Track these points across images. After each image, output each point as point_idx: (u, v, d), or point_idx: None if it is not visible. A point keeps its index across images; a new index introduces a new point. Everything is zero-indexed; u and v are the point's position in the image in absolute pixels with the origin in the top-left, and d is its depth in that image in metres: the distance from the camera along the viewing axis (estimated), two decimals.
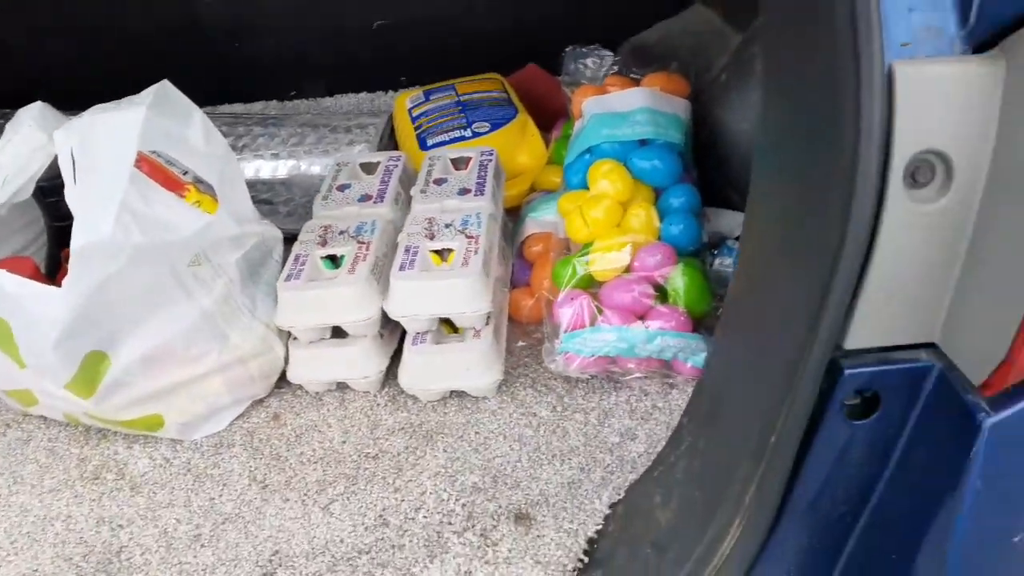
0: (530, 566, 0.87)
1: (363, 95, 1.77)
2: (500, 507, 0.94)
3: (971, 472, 0.61)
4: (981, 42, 0.57)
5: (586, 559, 0.89)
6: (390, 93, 1.78)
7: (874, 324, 0.62)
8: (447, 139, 1.41)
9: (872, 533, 0.71)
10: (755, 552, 0.72)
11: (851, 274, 0.60)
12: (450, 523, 0.93)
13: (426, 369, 1.04)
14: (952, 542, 0.65)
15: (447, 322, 1.09)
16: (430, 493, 0.96)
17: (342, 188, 1.21)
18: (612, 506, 0.93)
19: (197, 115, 1.03)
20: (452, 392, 1.08)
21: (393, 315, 1.04)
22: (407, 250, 1.06)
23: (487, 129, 1.42)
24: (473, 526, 0.92)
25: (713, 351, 0.84)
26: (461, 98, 1.51)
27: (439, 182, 1.19)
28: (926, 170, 0.58)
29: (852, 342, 0.62)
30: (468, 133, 1.42)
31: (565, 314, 1.04)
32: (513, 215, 1.34)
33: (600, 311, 1.05)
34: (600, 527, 0.91)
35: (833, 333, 0.62)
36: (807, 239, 0.64)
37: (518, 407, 1.07)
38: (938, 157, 0.58)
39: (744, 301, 0.78)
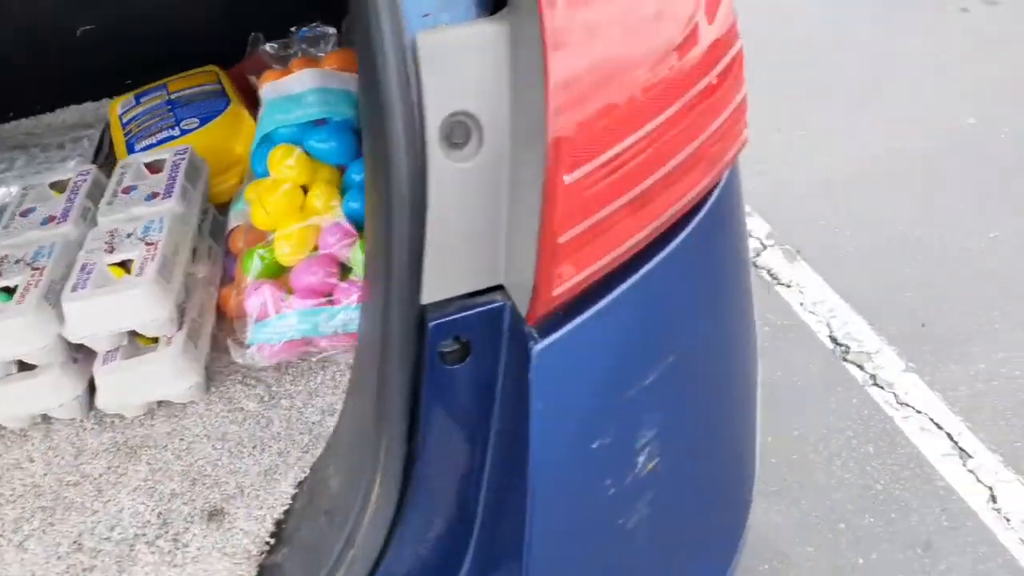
0: (217, 559, 0.91)
1: (88, 105, 1.71)
2: (195, 508, 0.97)
3: (532, 394, 0.68)
4: (495, 4, 0.61)
5: (272, 540, 0.93)
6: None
7: (444, 276, 0.67)
8: (155, 141, 1.39)
9: (498, 463, 0.76)
10: (396, 501, 0.76)
11: (405, 233, 0.64)
12: (144, 534, 0.95)
13: (119, 386, 1.05)
14: (531, 458, 0.71)
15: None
16: (127, 509, 0.98)
17: (25, 213, 1.19)
18: (300, 484, 0.97)
19: None
20: (160, 402, 1.09)
21: (72, 338, 1.04)
22: (83, 268, 1.06)
23: (196, 125, 1.41)
24: (167, 532, 0.95)
25: (360, 317, 0.87)
26: (172, 96, 1.50)
27: (128, 190, 1.19)
28: (460, 131, 0.62)
29: (428, 296, 0.67)
30: (176, 132, 1.40)
31: (252, 305, 1.07)
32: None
33: (291, 293, 1.07)
34: (288, 506, 0.95)
35: (407, 289, 0.66)
36: (377, 202, 0.68)
37: (226, 405, 1.09)
38: (469, 118, 0.62)
39: (367, 265, 0.82)
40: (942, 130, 2.71)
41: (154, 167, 1.24)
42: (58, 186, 1.25)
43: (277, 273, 1.10)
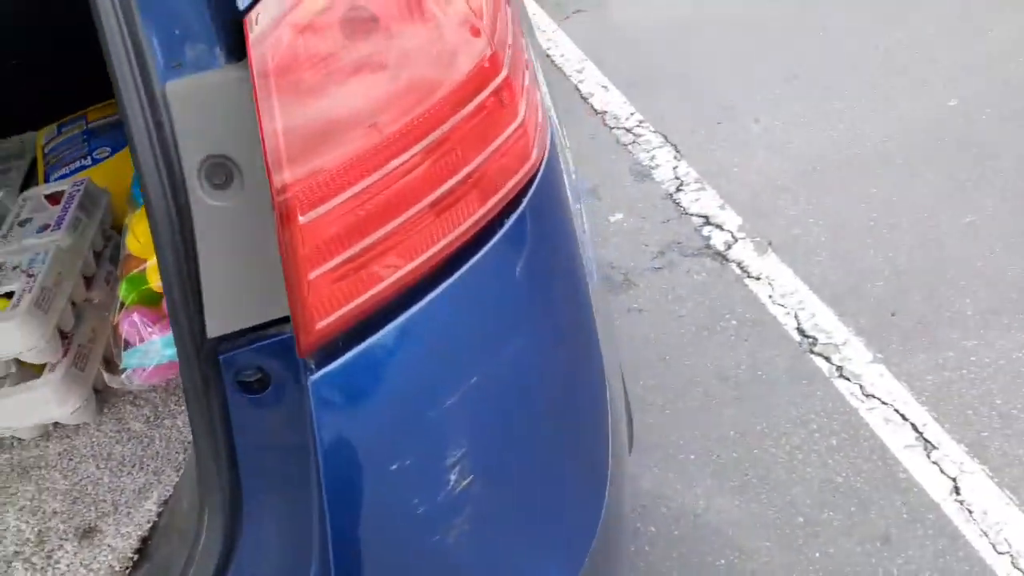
0: (83, 575, 0.95)
1: (29, 135, 1.77)
2: (71, 527, 1.02)
3: (315, 422, 0.71)
4: (240, 49, 0.63)
5: (136, 557, 0.96)
6: None
7: (227, 310, 0.71)
8: (68, 171, 1.45)
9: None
10: (225, 523, 0.80)
11: (174, 272, 0.68)
12: (22, 552, 1.01)
13: (6, 411, 1.10)
14: (323, 481, 0.74)
15: None
16: (11, 527, 1.04)
17: None
18: (164, 503, 1.01)
19: None
20: (57, 424, 1.14)
21: None
22: None
23: (108, 154, 1.46)
24: (42, 549, 1.00)
25: None
26: (90, 126, 1.55)
27: (24, 223, 1.24)
28: (220, 173, 0.66)
29: (214, 330, 0.71)
30: (88, 162, 1.46)
31: (124, 331, 1.10)
32: None
33: (165, 319, 1.11)
34: (153, 524, 0.99)
35: (190, 325, 0.70)
36: (154, 243, 0.71)
37: (115, 425, 1.14)
38: (228, 160, 0.65)
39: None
40: (923, 113, 2.66)
41: (54, 198, 1.29)
42: None
43: (154, 300, 1.14)
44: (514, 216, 0.77)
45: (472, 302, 0.76)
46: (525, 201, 0.78)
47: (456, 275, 0.73)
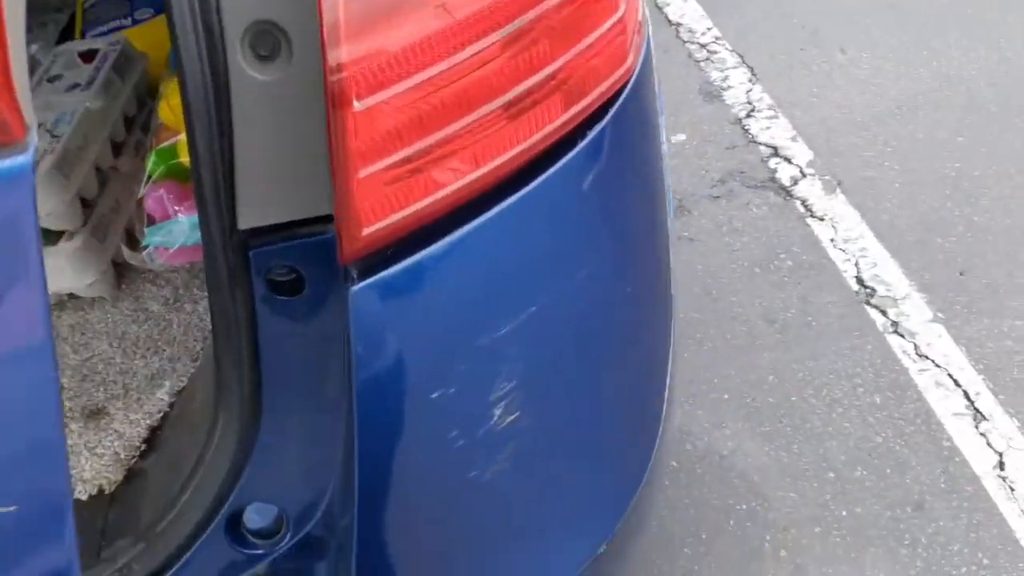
0: (86, 459, 0.94)
1: None
2: (76, 405, 1.00)
3: (352, 337, 0.65)
4: None
5: (144, 446, 0.94)
6: None
7: (261, 201, 0.64)
8: (106, 30, 1.39)
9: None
10: (240, 425, 0.75)
11: (207, 152, 0.61)
12: None
13: None
14: (355, 403, 0.68)
15: None
16: None
17: None
18: (178, 393, 0.98)
19: None
20: (71, 296, 1.11)
21: None
22: None
23: (150, 15, 1.40)
24: None
25: None
26: None
27: (53, 79, 1.19)
28: (267, 42, 0.59)
29: (246, 221, 0.64)
30: (128, 21, 1.40)
31: (150, 206, 1.06)
32: None
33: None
34: (164, 413, 0.96)
35: (218, 212, 0.63)
36: (185, 119, 0.64)
37: (132, 304, 1.11)
38: (276, 28, 0.58)
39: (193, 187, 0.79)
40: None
41: (88, 56, 1.23)
42: None
43: (184, 176, 1.09)
44: (597, 127, 0.69)
45: (540, 221, 0.69)
46: (611, 112, 0.70)
47: (526, 189, 0.66)
